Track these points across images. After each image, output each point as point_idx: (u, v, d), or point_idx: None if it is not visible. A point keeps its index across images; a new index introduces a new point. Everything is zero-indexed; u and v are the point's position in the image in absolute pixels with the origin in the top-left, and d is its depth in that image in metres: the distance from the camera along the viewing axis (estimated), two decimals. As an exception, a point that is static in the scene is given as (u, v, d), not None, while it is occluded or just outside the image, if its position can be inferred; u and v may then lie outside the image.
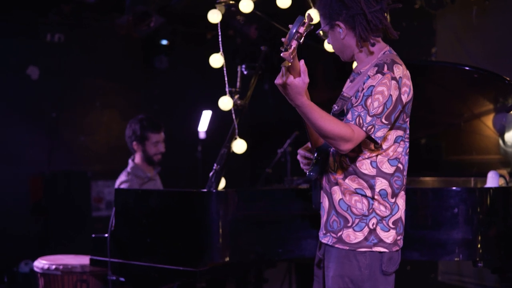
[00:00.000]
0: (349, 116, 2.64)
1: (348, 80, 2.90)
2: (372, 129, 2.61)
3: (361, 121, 2.59)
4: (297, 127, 5.83)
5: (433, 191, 3.46)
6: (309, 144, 3.01)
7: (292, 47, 2.31)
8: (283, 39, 2.33)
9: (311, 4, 3.91)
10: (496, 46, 5.25)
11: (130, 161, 4.76)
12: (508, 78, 3.62)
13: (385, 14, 2.74)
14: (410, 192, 3.22)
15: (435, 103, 4.13)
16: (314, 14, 2.52)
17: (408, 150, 2.79)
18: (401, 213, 2.76)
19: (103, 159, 7.94)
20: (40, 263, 4.09)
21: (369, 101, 2.59)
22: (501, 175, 3.83)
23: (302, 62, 2.45)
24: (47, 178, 7.21)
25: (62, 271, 3.97)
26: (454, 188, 3.45)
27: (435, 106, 4.16)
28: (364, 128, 2.59)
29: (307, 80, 2.46)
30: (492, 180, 3.79)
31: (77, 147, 7.80)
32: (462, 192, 3.41)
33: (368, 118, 2.59)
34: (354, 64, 2.91)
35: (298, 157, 3.03)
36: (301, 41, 2.32)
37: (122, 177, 4.69)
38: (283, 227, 3.40)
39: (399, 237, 2.77)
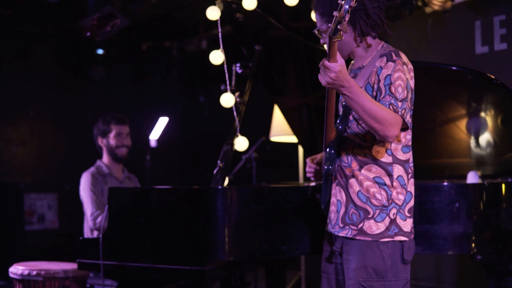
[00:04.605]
0: None
1: None
2: (405, 113, 2.67)
3: (394, 107, 2.64)
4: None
5: (433, 187, 3.56)
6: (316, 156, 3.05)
7: (346, 20, 2.33)
8: (335, 13, 2.33)
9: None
10: (450, 58, 5.41)
11: (97, 160, 4.71)
12: (493, 77, 3.77)
13: (382, 12, 2.84)
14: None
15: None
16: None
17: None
18: (413, 200, 2.84)
19: (36, 170, 7.67)
20: (17, 269, 3.87)
21: (392, 88, 2.65)
22: (479, 176, 3.99)
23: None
24: (-23, 189, 6.88)
25: (44, 276, 3.78)
26: (448, 183, 3.58)
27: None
28: (399, 113, 2.65)
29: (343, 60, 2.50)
30: (473, 180, 3.95)
31: (9, 158, 7.49)
32: (460, 188, 3.54)
33: (399, 103, 2.65)
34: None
35: (307, 167, 3.08)
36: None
37: (84, 175, 4.58)
38: (288, 224, 3.39)
39: (413, 225, 2.85)
